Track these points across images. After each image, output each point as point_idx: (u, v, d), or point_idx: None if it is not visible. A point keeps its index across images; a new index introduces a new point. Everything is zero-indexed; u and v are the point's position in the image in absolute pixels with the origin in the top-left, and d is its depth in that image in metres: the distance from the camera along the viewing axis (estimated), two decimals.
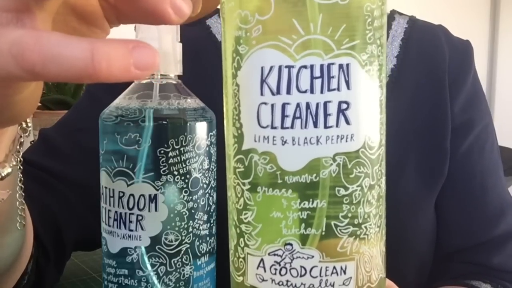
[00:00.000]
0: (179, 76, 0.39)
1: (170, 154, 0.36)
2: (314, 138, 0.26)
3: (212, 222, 0.39)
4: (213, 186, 0.39)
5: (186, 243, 0.37)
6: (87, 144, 0.57)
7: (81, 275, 0.70)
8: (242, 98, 0.28)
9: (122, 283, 0.38)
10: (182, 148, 0.36)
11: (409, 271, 0.63)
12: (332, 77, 0.26)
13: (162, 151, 0.36)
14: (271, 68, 0.26)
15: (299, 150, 0.26)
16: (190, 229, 0.37)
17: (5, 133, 0.32)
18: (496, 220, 0.64)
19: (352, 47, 0.26)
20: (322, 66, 0.26)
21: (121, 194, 0.37)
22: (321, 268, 0.27)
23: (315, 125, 0.26)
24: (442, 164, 0.63)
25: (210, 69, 0.53)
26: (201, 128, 0.37)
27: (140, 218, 0.36)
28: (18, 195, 0.39)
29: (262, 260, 0.28)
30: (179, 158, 0.36)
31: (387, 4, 0.29)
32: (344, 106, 0.26)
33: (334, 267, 0.28)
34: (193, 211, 0.37)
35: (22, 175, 0.38)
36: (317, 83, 0.26)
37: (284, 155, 0.27)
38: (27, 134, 0.35)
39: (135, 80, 0.32)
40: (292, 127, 0.26)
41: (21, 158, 0.36)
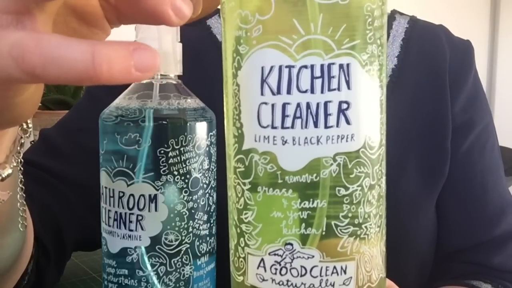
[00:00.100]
0: (179, 76, 0.39)
1: (170, 154, 0.36)
2: (314, 138, 0.26)
3: (212, 222, 0.39)
4: (213, 186, 0.39)
5: (186, 243, 0.37)
6: (88, 144, 0.57)
7: (81, 275, 0.70)
8: (242, 98, 0.28)
9: (122, 283, 0.37)
10: (182, 148, 0.36)
11: (409, 271, 0.63)
12: (333, 77, 0.26)
13: (162, 151, 0.36)
14: (271, 68, 0.26)
15: (300, 150, 0.26)
16: (190, 229, 0.37)
17: (5, 134, 0.32)
18: (496, 220, 0.64)
19: (352, 47, 0.26)
20: (322, 66, 0.26)
21: (121, 194, 0.37)
22: (321, 268, 0.27)
23: (316, 125, 0.26)
24: (442, 164, 0.63)
25: (210, 69, 0.53)
26: (201, 128, 0.37)
27: (140, 218, 0.36)
28: (19, 196, 0.39)
29: (262, 260, 0.28)
30: (179, 158, 0.36)
31: (387, 4, 0.29)
32: (344, 106, 0.26)
33: (335, 267, 0.28)
34: (193, 211, 0.37)
35: (22, 176, 0.38)
36: (317, 83, 0.26)
37: (285, 155, 0.27)
38: (28, 135, 0.35)
39: (135, 82, 0.32)
40: (292, 127, 0.26)
41: (21, 159, 0.36)
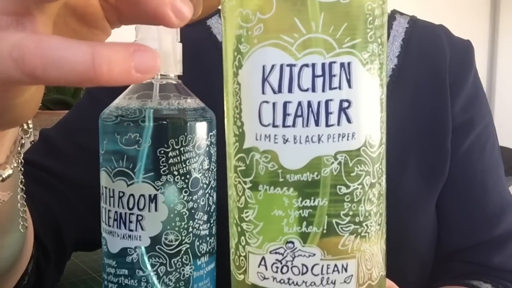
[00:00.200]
0: (179, 76, 0.39)
1: (170, 154, 0.36)
2: (315, 137, 0.26)
3: (212, 222, 0.39)
4: (213, 186, 0.39)
5: (186, 243, 0.37)
6: (88, 144, 0.57)
7: (81, 275, 0.70)
8: (243, 96, 0.28)
9: (122, 283, 0.37)
10: (182, 148, 0.36)
11: (409, 271, 0.63)
12: (334, 75, 0.26)
13: (162, 151, 0.36)
14: (272, 66, 0.26)
15: (301, 149, 0.26)
16: (190, 229, 0.37)
17: (6, 135, 0.32)
18: (496, 220, 0.64)
19: (353, 46, 0.26)
20: (323, 65, 0.26)
21: (121, 194, 0.37)
22: (322, 266, 0.27)
23: (317, 123, 0.26)
24: (442, 163, 0.63)
25: (210, 69, 0.53)
26: (201, 128, 0.37)
27: (140, 218, 0.36)
28: (19, 196, 0.39)
29: (263, 258, 0.28)
30: (179, 158, 0.36)
31: (387, 3, 0.29)
32: (345, 104, 0.26)
33: (336, 265, 0.28)
34: (193, 211, 0.37)
35: (23, 176, 0.38)
36: (318, 81, 0.26)
37: (286, 153, 0.27)
38: (28, 135, 0.35)
39: (136, 83, 0.32)
40: (293, 125, 0.26)
41: (22, 160, 0.36)
